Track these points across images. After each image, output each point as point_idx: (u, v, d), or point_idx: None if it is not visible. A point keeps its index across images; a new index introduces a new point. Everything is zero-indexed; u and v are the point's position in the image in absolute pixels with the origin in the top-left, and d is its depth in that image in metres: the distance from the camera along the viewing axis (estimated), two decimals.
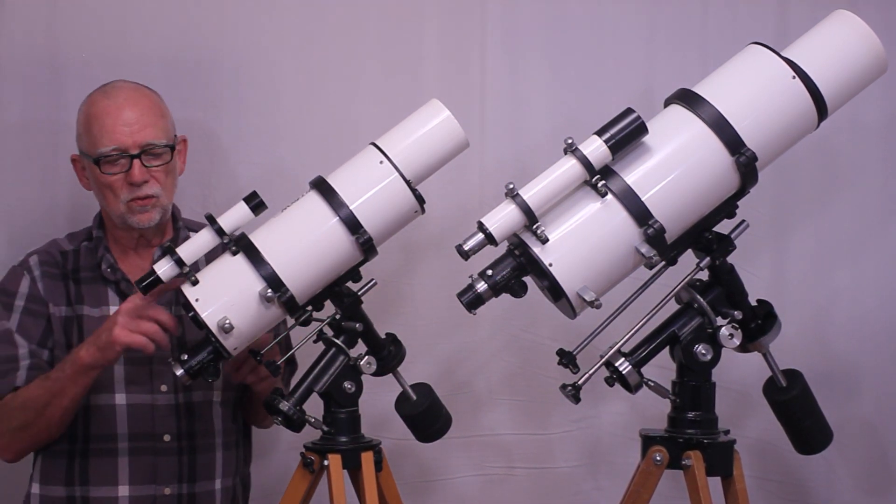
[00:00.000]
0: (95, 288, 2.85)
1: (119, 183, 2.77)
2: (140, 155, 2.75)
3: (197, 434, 2.85)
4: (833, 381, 3.23)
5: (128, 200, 2.77)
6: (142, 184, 2.76)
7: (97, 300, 2.84)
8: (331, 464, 2.62)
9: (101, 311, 2.83)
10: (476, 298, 2.53)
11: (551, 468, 3.32)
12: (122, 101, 2.78)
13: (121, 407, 2.80)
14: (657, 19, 3.28)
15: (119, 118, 2.76)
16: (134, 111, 2.78)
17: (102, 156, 2.75)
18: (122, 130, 2.75)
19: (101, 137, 2.76)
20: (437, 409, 2.71)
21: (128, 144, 2.75)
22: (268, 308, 2.54)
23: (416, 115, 2.64)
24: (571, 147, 2.49)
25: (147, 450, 2.81)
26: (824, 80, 2.53)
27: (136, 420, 2.81)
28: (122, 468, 2.80)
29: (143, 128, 2.77)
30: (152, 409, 2.82)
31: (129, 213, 2.78)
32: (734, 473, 2.64)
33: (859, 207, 3.31)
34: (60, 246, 2.90)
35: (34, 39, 3.14)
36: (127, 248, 2.88)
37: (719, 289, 2.61)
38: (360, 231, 2.54)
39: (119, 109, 2.77)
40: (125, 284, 2.84)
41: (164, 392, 2.82)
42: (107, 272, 2.85)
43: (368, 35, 3.25)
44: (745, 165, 2.49)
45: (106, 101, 2.79)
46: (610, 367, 2.58)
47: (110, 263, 2.85)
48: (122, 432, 2.80)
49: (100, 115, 2.77)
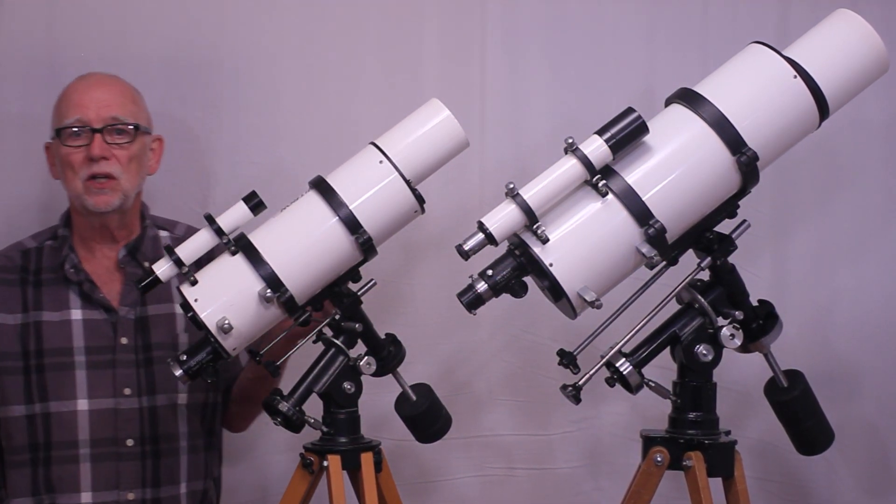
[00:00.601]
0: (56, 290, 2.81)
1: (78, 158, 2.73)
2: (102, 130, 2.73)
3: (161, 438, 2.82)
4: (834, 381, 3.23)
5: (85, 178, 2.73)
6: (100, 160, 2.73)
7: (58, 303, 2.80)
8: (330, 465, 2.61)
9: (61, 314, 2.79)
10: (476, 298, 2.52)
11: (552, 469, 3.32)
12: (94, 81, 2.79)
13: (83, 413, 2.77)
14: (658, 18, 3.29)
15: (87, 94, 2.76)
16: (104, 91, 2.78)
17: (65, 127, 2.73)
18: (88, 104, 2.74)
19: (68, 110, 2.75)
20: (437, 410, 2.71)
21: (91, 118, 2.74)
22: (267, 308, 2.54)
23: (415, 115, 2.64)
24: (572, 147, 2.48)
25: (109, 455, 2.78)
26: (826, 80, 2.53)
27: (99, 425, 2.77)
28: (84, 474, 2.77)
29: (110, 104, 2.76)
30: (115, 413, 2.78)
31: (86, 194, 2.75)
32: (735, 474, 2.63)
33: (861, 207, 3.32)
34: (24, 245, 2.86)
35: (33, 38, 3.13)
36: (92, 246, 2.83)
37: (720, 289, 2.61)
38: (359, 231, 2.54)
39: (89, 87, 2.78)
40: (88, 286, 2.80)
41: (127, 396, 2.79)
42: (70, 272, 2.80)
43: (368, 34, 3.24)
44: (747, 165, 2.49)
45: (80, 82, 2.80)
46: (610, 367, 2.58)
47: (74, 263, 2.81)
48: (83, 438, 2.77)
49: (70, 92, 2.79)
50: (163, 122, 2.95)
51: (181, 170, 3.14)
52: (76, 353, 2.78)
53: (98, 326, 2.80)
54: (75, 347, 2.79)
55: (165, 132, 2.92)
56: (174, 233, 2.92)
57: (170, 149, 2.95)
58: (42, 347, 2.77)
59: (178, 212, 3.06)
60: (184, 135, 3.16)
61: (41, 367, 2.77)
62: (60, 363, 2.78)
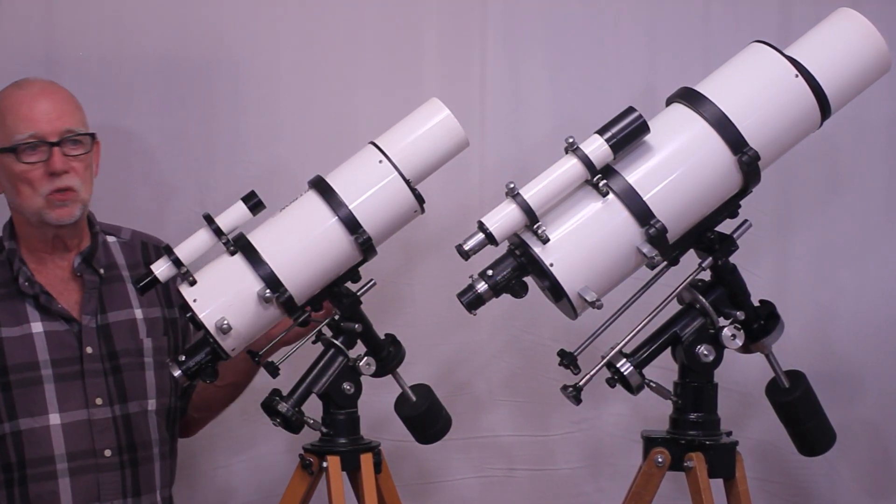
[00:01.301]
0: (12, 305, 2.74)
1: (37, 174, 2.68)
2: (60, 143, 2.68)
3: (137, 446, 2.78)
4: (836, 382, 3.22)
5: (47, 193, 2.68)
6: (62, 174, 2.68)
7: (16, 318, 2.73)
8: (330, 465, 2.61)
9: (21, 329, 2.72)
10: (476, 299, 2.52)
11: (552, 470, 3.31)
12: (36, 91, 2.73)
13: (55, 427, 2.71)
14: (658, 17, 3.27)
15: (35, 106, 2.70)
16: (50, 101, 2.72)
17: (20, 143, 2.67)
18: (41, 118, 2.68)
19: (18, 125, 2.68)
20: (437, 411, 2.71)
21: (46, 131, 2.68)
22: (266, 308, 2.53)
23: (415, 114, 2.63)
24: (572, 146, 2.48)
25: (89, 468, 2.73)
26: (827, 79, 2.53)
27: (74, 438, 2.72)
28: (63, 490, 2.71)
29: (62, 115, 2.71)
30: (90, 424, 2.73)
31: (47, 209, 2.69)
32: (736, 475, 2.63)
33: (863, 207, 3.31)
34: None
35: (30, 38, 3.12)
36: (43, 256, 2.77)
37: (721, 289, 2.61)
38: (359, 231, 2.54)
39: (34, 98, 2.71)
40: (44, 297, 2.74)
41: (99, 405, 2.74)
42: (24, 286, 2.73)
43: (368, 33, 3.23)
44: (748, 165, 2.48)
45: (20, 92, 2.73)
46: (611, 367, 2.58)
47: (27, 276, 2.74)
48: (59, 453, 2.71)
49: (14, 105, 2.71)
50: (161, 122, 2.94)
51: (179, 169, 3.14)
52: (42, 366, 2.72)
53: (61, 338, 2.74)
54: (41, 361, 2.72)
55: (163, 132, 2.92)
56: (120, 237, 2.88)
57: (168, 148, 2.94)
58: (6, 364, 2.71)
59: (177, 212, 3.07)
60: (182, 134, 3.15)
61: (7, 385, 2.71)
62: (27, 378, 2.71)
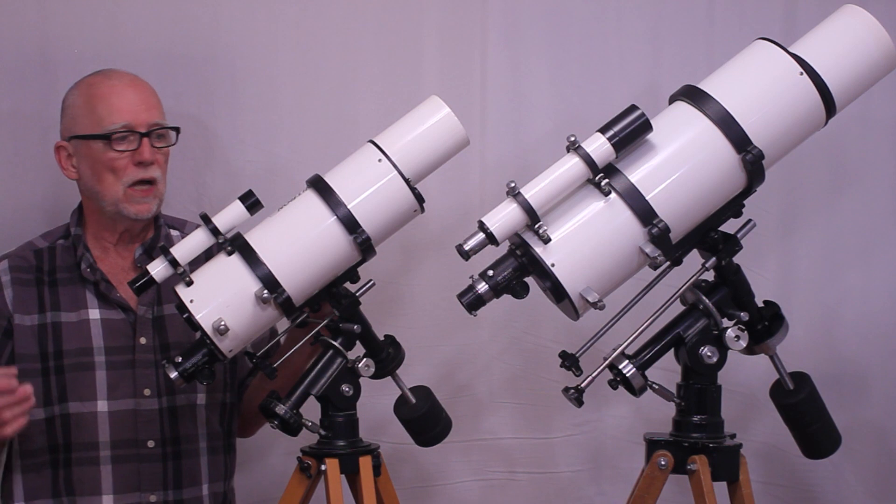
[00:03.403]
0: (73, 290, 2.80)
1: (124, 163, 2.74)
2: (150, 135, 2.75)
3: (181, 439, 2.82)
4: (842, 383, 3.21)
5: (129, 184, 2.74)
6: (149, 165, 2.74)
7: (75, 303, 2.79)
8: (328, 469, 2.60)
9: (78, 314, 2.78)
10: (477, 299, 2.51)
11: (553, 473, 3.31)
12: (127, 83, 2.79)
13: (102, 414, 2.76)
14: (662, 13, 3.27)
15: (125, 97, 2.76)
16: (139, 93, 2.79)
17: (112, 132, 2.72)
18: (132, 108, 2.75)
19: (110, 114, 2.74)
20: (437, 413, 2.70)
21: (137, 122, 2.74)
22: (264, 309, 2.52)
23: (415, 112, 2.62)
24: (574, 145, 2.47)
25: (131, 457, 2.77)
26: (833, 77, 2.52)
27: (119, 427, 2.77)
28: (105, 476, 2.76)
29: (150, 108, 2.77)
30: (135, 414, 2.78)
31: (126, 202, 2.75)
32: (740, 478, 2.63)
33: (869, 206, 3.30)
34: (35, 245, 2.85)
35: (25, 33, 3.10)
36: (107, 245, 2.83)
37: (725, 290, 2.60)
38: (358, 230, 2.53)
39: (125, 88, 2.78)
40: (104, 285, 2.80)
41: (147, 396, 2.79)
42: (86, 272, 2.80)
43: (367, 29, 3.22)
44: (752, 164, 2.48)
45: (109, 82, 2.78)
46: (613, 369, 2.57)
47: (90, 263, 2.80)
48: (103, 440, 2.76)
49: (105, 95, 2.76)
50: None
51: (176, 168, 3.09)
52: (96, 353, 2.77)
53: (116, 326, 2.80)
54: (95, 347, 2.78)
55: None
56: (185, 231, 2.92)
57: None
58: (61, 348, 2.76)
59: (173, 211, 3.05)
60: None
61: (60, 369, 2.75)
62: (80, 363, 2.76)
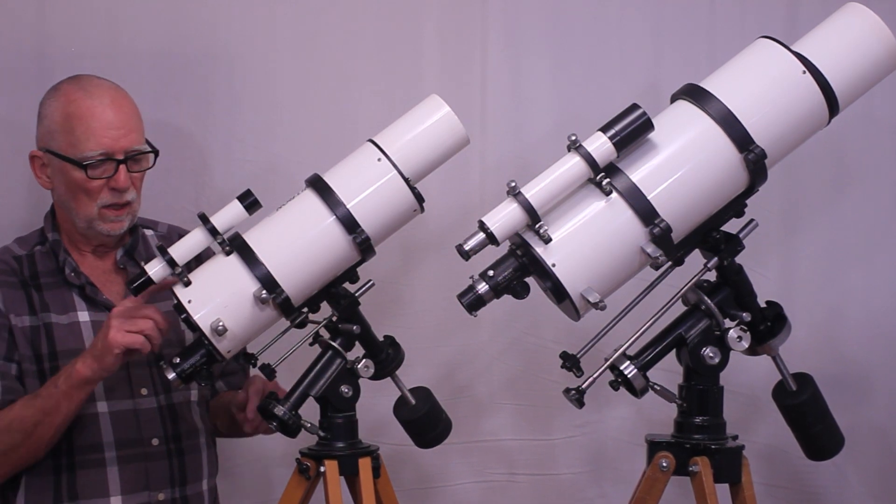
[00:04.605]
0: (60, 293, 2.78)
1: (98, 185, 2.70)
2: (126, 161, 2.70)
3: (183, 435, 2.81)
4: (845, 384, 3.21)
5: (103, 206, 2.71)
6: (124, 190, 2.71)
7: (63, 306, 2.77)
8: (327, 470, 2.60)
9: (69, 317, 2.76)
10: (477, 300, 2.50)
11: (554, 475, 3.31)
12: (107, 103, 2.71)
13: (104, 415, 2.75)
14: (663, 12, 3.27)
15: (104, 121, 2.69)
16: (119, 114, 2.71)
17: (87, 159, 2.68)
18: (110, 134, 2.69)
19: (87, 141, 2.69)
20: (437, 414, 2.69)
21: (115, 149, 2.70)
22: (262, 310, 2.52)
23: (414, 111, 2.61)
24: (575, 144, 2.47)
25: (137, 456, 2.76)
26: (835, 75, 2.52)
27: (121, 427, 2.76)
28: (112, 478, 2.74)
29: (129, 132, 2.71)
30: (136, 413, 2.77)
31: (100, 220, 2.73)
32: (742, 480, 2.62)
33: (872, 205, 3.31)
34: (12, 251, 2.81)
35: (22, 33, 3.10)
36: (84, 251, 2.81)
37: (727, 290, 2.60)
38: (357, 230, 2.52)
39: (105, 110, 2.70)
40: (90, 288, 2.78)
41: (144, 396, 2.78)
42: (71, 276, 2.77)
43: (367, 28, 3.22)
44: (754, 163, 2.47)
45: (89, 102, 2.71)
46: (615, 370, 2.57)
47: (73, 267, 2.78)
48: (108, 441, 2.75)
49: (84, 116, 2.70)
50: (155, 120, 2.92)
51: (174, 168, 3.13)
52: None
53: None
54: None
55: (158, 130, 2.90)
56: (158, 230, 2.92)
57: (162, 146, 2.91)
58: (55, 349, 2.74)
59: (172, 211, 3.06)
60: (177, 132, 3.14)
61: (56, 370, 2.72)
62: None
